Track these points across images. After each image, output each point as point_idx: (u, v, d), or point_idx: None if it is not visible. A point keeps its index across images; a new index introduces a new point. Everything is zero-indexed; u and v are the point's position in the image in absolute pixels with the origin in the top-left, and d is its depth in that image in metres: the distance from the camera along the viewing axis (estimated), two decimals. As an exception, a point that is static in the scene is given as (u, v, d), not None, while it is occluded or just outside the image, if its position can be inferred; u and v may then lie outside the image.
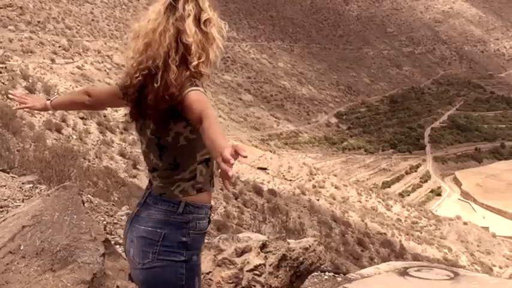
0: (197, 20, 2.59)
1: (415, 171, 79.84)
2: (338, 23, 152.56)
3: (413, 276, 4.97)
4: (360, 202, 49.78)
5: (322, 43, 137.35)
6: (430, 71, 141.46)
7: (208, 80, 2.55)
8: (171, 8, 2.62)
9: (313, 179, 51.41)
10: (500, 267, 40.48)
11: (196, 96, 2.39)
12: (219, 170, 2.10)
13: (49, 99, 3.02)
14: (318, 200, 40.61)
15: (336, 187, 51.27)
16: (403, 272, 5.07)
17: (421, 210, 54.72)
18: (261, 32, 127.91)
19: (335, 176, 59.86)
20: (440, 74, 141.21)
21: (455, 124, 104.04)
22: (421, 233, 43.99)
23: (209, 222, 2.63)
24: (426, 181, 77.02)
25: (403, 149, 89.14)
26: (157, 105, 2.44)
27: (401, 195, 67.15)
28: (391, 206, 51.34)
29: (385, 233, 36.74)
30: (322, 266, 5.08)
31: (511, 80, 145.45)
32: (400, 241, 36.38)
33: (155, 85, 2.44)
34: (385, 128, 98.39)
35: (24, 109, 3.09)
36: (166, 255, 2.49)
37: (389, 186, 70.61)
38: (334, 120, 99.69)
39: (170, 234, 2.51)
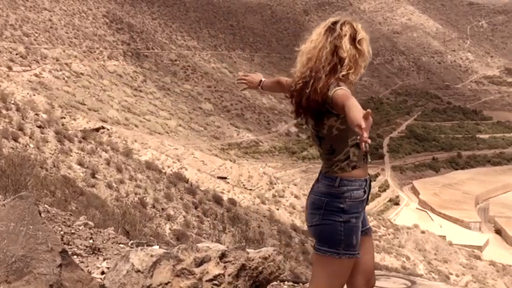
0: (352, 39, 3.31)
1: (374, 180, 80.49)
2: (298, 33, 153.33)
3: (378, 287, 5.01)
4: (320, 211, 49.96)
5: (283, 53, 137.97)
6: (389, 82, 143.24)
7: (353, 87, 3.27)
8: (330, 30, 3.41)
9: (273, 188, 51.45)
10: (457, 276, 41.04)
11: (341, 92, 3.09)
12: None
13: (261, 80, 3.96)
14: (278, 209, 40.67)
15: (296, 196, 51.37)
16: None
17: (379, 219, 55.17)
18: (221, 41, 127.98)
19: (295, 185, 60.04)
20: (398, 84, 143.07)
21: (413, 134, 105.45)
22: (379, 241, 44.34)
23: (365, 192, 3.32)
24: (385, 190, 77.78)
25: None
26: (309, 106, 3.28)
27: (360, 204, 67.70)
28: (351, 215, 51.66)
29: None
30: (282, 276, 5.08)
31: (467, 90, 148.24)
32: (359, 250, 36.59)
33: (307, 91, 3.27)
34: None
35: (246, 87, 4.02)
36: (328, 216, 3.23)
37: (348, 196, 71.10)
38: (294, 129, 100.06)
39: (331, 201, 3.24)
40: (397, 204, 74.03)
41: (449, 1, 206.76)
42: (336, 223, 3.22)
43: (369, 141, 2.74)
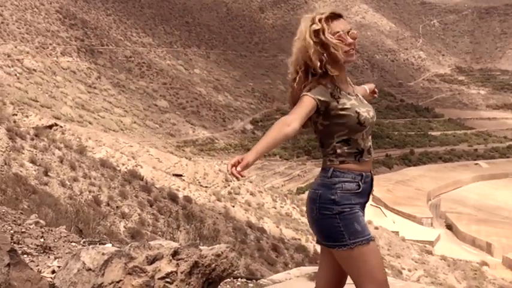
0: (311, 33, 3.36)
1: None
2: (254, 31, 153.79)
3: (323, 281, 5.06)
4: (275, 208, 50.17)
5: (238, 50, 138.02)
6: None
7: (340, 78, 3.38)
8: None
9: (229, 185, 51.43)
10: (409, 270, 41.66)
11: (299, 101, 3.21)
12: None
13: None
14: (234, 206, 40.69)
15: (251, 193, 51.48)
16: (313, 277, 5.16)
17: (334, 215, 55.67)
18: (176, 38, 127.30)
19: (250, 182, 60.12)
20: (353, 82, 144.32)
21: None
22: (334, 238, 44.71)
23: (359, 186, 3.28)
24: (338, 187, 78.47)
25: (317, 156, 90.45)
26: (294, 104, 3.28)
27: (315, 201, 68.11)
28: (306, 212, 51.94)
29: (299, 239, 37.16)
30: (235, 272, 5.11)
31: (420, 88, 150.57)
32: (314, 246, 36.91)
33: (291, 90, 3.40)
34: (299, 135, 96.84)
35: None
36: (323, 210, 3.22)
37: (303, 192, 71.42)
38: (249, 126, 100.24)
39: (323, 193, 3.24)
40: (351, 200, 74.81)
41: (402, 0, 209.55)
42: (331, 216, 3.21)
43: (235, 175, 2.92)
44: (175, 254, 4.09)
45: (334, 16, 3.39)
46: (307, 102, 3.17)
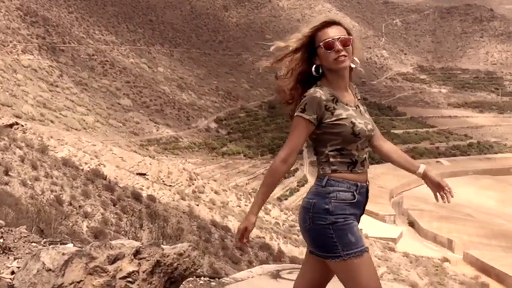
0: (301, 44, 3.44)
1: (293, 175, 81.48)
2: (218, 29, 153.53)
3: (285, 279, 5.10)
4: (240, 207, 50.20)
5: (202, 48, 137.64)
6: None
7: (338, 85, 3.33)
8: None
9: (193, 184, 51.33)
10: (373, 267, 42.05)
11: (293, 124, 3.29)
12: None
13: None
14: (198, 205, 40.63)
15: (216, 192, 51.44)
16: (276, 275, 5.20)
17: (298, 214, 55.87)
18: (140, 36, 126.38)
19: (215, 181, 60.05)
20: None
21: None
22: (298, 235, 44.90)
23: (354, 196, 3.24)
24: (303, 185, 78.79)
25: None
26: (286, 101, 3.43)
27: (279, 199, 68.31)
28: (270, 210, 52.13)
29: (263, 237, 37.27)
30: (198, 271, 5.10)
31: (382, 87, 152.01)
32: (278, 244, 37.06)
33: (281, 89, 3.53)
34: (263, 133, 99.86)
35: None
36: (316, 220, 3.18)
37: (268, 191, 71.60)
38: (214, 125, 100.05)
39: (317, 202, 3.20)
40: (315, 198, 75.15)
41: (365, 0, 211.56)
42: (324, 227, 3.16)
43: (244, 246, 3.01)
44: (137, 253, 4.08)
45: (327, 24, 3.36)
46: (303, 128, 3.23)
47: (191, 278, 5.44)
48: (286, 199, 70.55)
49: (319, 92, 3.23)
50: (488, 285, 43.78)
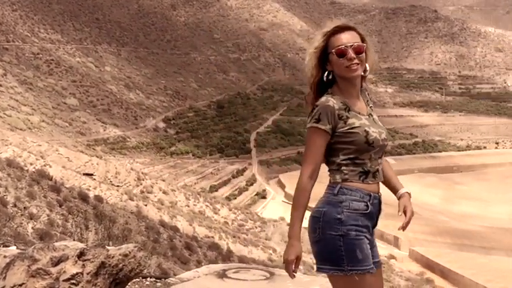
0: (313, 52, 3.29)
1: (242, 175, 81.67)
2: (166, 28, 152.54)
3: (231, 278, 5.13)
4: (188, 206, 50.02)
5: (150, 47, 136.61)
6: (256, 77, 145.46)
7: (350, 93, 3.20)
8: None
9: (141, 184, 50.92)
10: (321, 265, 42.41)
11: (308, 137, 3.13)
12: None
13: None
14: (146, 205, 40.30)
15: (164, 192, 51.13)
16: (222, 274, 5.22)
17: (247, 212, 56.01)
18: (86, 35, 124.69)
19: (163, 180, 59.69)
20: (264, 80, 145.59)
21: (279, 129, 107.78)
22: (247, 235, 45.03)
23: (368, 206, 3.12)
24: (252, 184, 79.03)
25: (229, 153, 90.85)
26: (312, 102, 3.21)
27: (228, 198, 68.34)
28: (219, 210, 52.11)
29: (212, 237, 37.22)
30: (144, 272, 5.09)
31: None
32: (227, 244, 37.05)
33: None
34: (212, 133, 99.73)
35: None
36: (326, 230, 3.03)
37: (216, 190, 71.62)
38: (162, 125, 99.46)
39: (328, 211, 3.07)
40: (264, 197, 75.42)
41: (313, 0, 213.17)
42: (335, 238, 3.01)
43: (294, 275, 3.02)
44: (81, 255, 4.05)
45: (340, 29, 3.21)
46: (320, 139, 3.09)
47: (137, 279, 5.42)
48: (235, 198, 70.64)
49: (331, 101, 3.11)
50: (433, 281, 44.58)
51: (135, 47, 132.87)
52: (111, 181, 48.32)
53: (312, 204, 3.20)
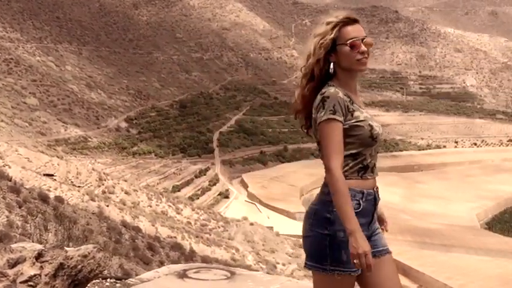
0: (322, 42, 3.15)
1: (204, 174, 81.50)
2: (128, 27, 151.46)
3: (192, 278, 5.14)
4: (151, 207, 49.76)
5: (112, 47, 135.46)
6: (218, 77, 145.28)
7: (350, 87, 3.20)
8: None
9: (103, 184, 50.50)
10: (284, 264, 42.58)
11: (325, 130, 3.01)
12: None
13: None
14: (108, 205, 39.98)
15: (126, 192, 50.78)
16: (183, 275, 5.22)
17: (210, 212, 55.94)
18: (47, 34, 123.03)
19: (125, 181, 59.26)
20: (227, 79, 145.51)
21: (242, 128, 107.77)
22: (210, 235, 45.00)
23: (360, 204, 3.06)
24: (215, 184, 78.90)
25: (192, 153, 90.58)
26: (304, 106, 3.30)
27: (191, 198, 68.13)
28: (181, 210, 51.94)
29: (175, 237, 37.11)
30: (105, 273, 5.07)
31: (292, 86, 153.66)
32: (190, 244, 36.96)
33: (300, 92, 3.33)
34: (175, 133, 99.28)
35: None
36: (315, 227, 3.03)
37: (179, 190, 71.33)
38: (124, 125, 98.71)
39: (319, 210, 3.05)
40: (227, 197, 75.35)
41: (275, 0, 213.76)
42: (322, 236, 2.99)
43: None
44: (39, 256, 4.02)
45: (349, 21, 3.13)
46: (339, 131, 2.99)
47: (97, 280, 5.39)
48: (197, 198, 70.48)
49: (340, 92, 3.06)
50: (394, 279, 45.14)
51: (96, 46, 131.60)
52: (72, 182, 47.83)
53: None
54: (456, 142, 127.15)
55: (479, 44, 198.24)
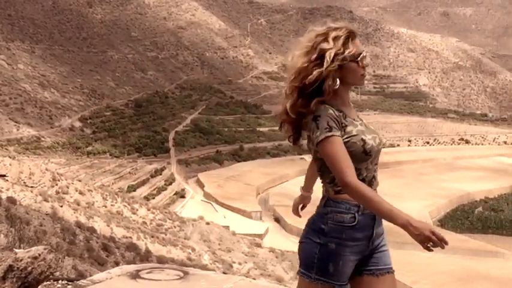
0: (330, 55, 3.08)
1: (160, 174, 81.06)
2: (82, 25, 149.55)
3: (144, 279, 5.15)
4: (106, 207, 49.28)
5: (66, 45, 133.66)
6: (174, 76, 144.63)
7: (343, 101, 3.12)
8: None
9: (57, 185, 49.82)
10: (240, 264, 42.65)
11: (330, 149, 2.92)
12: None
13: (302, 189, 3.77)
14: (62, 206, 39.46)
15: (81, 192, 50.18)
16: (135, 275, 5.22)
17: (166, 212, 55.67)
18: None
19: (79, 181, 58.56)
20: (183, 79, 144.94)
21: (198, 127, 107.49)
22: (166, 235, 44.79)
23: (355, 218, 3.01)
24: (171, 184, 78.56)
25: (148, 153, 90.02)
26: (291, 124, 3.38)
27: (146, 198, 67.70)
28: (137, 210, 51.57)
29: (130, 237, 36.83)
30: (56, 274, 5.04)
31: (248, 85, 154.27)
32: (146, 244, 36.74)
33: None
34: (130, 132, 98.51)
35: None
36: (310, 235, 3.05)
37: (134, 190, 70.84)
38: (78, 124, 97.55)
39: (315, 220, 3.06)
40: (182, 197, 75.08)
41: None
42: (313, 244, 3.01)
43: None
44: (-13, 258, 3.99)
45: (354, 35, 3.09)
46: (340, 145, 2.92)
47: (48, 282, 5.35)
48: (153, 198, 70.09)
49: (331, 109, 2.98)
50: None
51: (49, 44, 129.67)
52: (24, 182, 47.07)
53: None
54: (409, 141, 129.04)
55: (431, 44, 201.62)
